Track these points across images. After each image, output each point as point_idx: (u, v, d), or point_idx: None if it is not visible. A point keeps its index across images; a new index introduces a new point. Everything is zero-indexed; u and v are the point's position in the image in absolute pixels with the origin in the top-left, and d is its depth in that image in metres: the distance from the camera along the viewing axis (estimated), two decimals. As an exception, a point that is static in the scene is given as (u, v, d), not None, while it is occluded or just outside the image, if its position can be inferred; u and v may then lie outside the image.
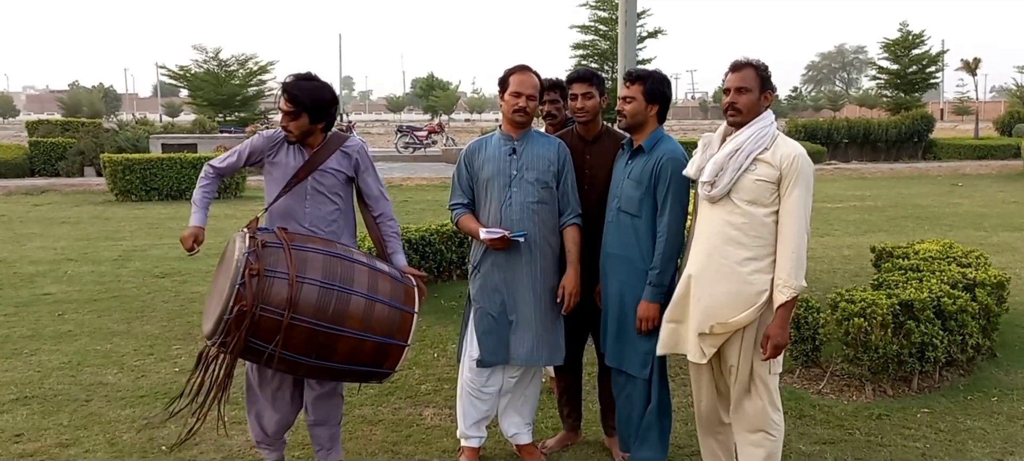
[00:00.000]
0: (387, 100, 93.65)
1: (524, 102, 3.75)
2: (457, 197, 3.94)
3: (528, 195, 3.78)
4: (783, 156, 3.24)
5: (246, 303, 3.17)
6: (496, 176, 3.81)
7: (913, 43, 31.84)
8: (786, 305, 3.23)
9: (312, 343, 3.31)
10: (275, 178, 3.71)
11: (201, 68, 29.98)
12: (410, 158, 27.53)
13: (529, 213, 3.78)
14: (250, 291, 3.18)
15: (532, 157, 3.82)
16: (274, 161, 3.71)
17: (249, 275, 3.19)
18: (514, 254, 3.80)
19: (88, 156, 20.66)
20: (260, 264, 3.24)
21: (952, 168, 22.76)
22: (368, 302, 3.38)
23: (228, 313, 3.18)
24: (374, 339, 3.39)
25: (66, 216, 13.73)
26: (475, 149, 3.94)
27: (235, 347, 3.23)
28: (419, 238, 7.78)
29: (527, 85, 3.77)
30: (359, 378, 3.63)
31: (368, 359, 3.44)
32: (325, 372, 3.50)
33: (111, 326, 6.73)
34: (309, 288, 3.28)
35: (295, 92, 3.56)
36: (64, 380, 5.39)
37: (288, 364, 3.39)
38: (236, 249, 3.29)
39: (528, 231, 3.76)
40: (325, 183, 3.71)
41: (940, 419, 4.64)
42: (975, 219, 12.81)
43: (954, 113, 60.56)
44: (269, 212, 3.72)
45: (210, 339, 3.31)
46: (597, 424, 4.47)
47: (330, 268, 3.37)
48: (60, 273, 8.92)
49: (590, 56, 28.79)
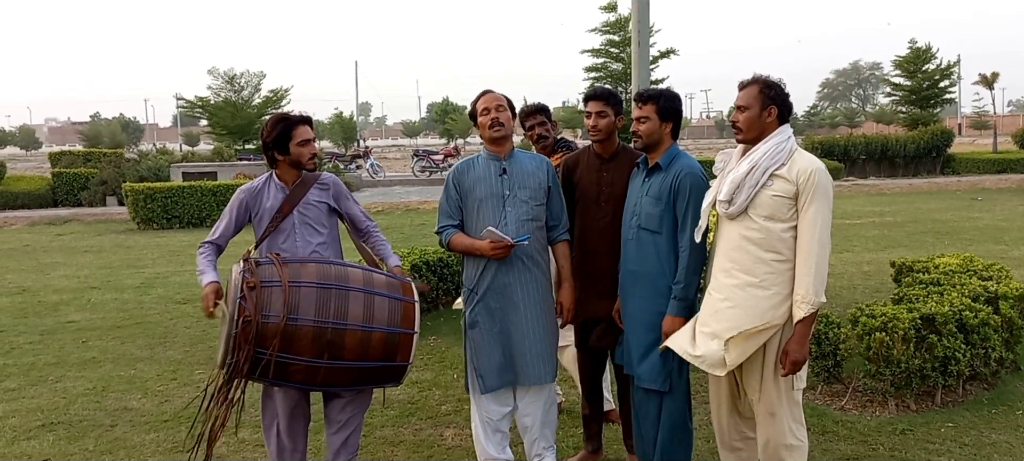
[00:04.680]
0: (403, 125, 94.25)
1: (495, 113, 3.84)
2: (445, 219, 3.95)
3: (522, 213, 3.82)
4: (800, 171, 3.25)
5: (249, 314, 3.31)
6: (488, 196, 3.84)
7: (924, 58, 31.71)
8: (805, 321, 3.23)
9: (320, 343, 3.42)
10: (262, 222, 3.91)
11: (218, 97, 30.27)
12: (427, 181, 27.69)
13: (525, 230, 3.81)
14: (251, 302, 3.33)
15: (522, 175, 3.86)
16: (259, 207, 3.92)
17: (247, 288, 3.35)
18: (511, 273, 3.81)
19: (110, 186, 20.94)
20: (255, 277, 3.40)
21: (971, 183, 22.61)
22: (367, 296, 3.54)
23: (235, 328, 3.29)
24: (381, 329, 3.51)
25: (89, 245, 13.90)
26: (463, 170, 3.96)
27: (246, 357, 3.32)
28: (437, 260, 7.81)
29: (491, 100, 3.89)
30: (378, 378, 3.68)
31: (379, 353, 3.54)
32: (343, 374, 3.56)
33: (134, 352, 6.80)
34: (307, 291, 3.44)
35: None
36: (89, 406, 5.46)
37: (306, 372, 3.47)
38: (233, 273, 3.46)
39: (524, 245, 3.78)
40: (310, 215, 3.91)
41: (965, 433, 4.60)
42: (995, 233, 12.71)
43: (972, 127, 60.13)
44: (260, 249, 3.86)
45: (222, 366, 3.41)
46: (619, 442, 4.47)
47: (325, 271, 3.56)
48: (84, 301, 9.03)
49: (603, 78, 28.82)
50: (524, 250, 3.79)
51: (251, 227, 3.98)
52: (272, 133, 3.85)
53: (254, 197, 3.93)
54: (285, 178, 3.93)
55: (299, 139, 3.84)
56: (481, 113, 3.87)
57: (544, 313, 3.88)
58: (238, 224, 3.93)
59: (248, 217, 3.93)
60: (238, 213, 3.91)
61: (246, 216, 3.93)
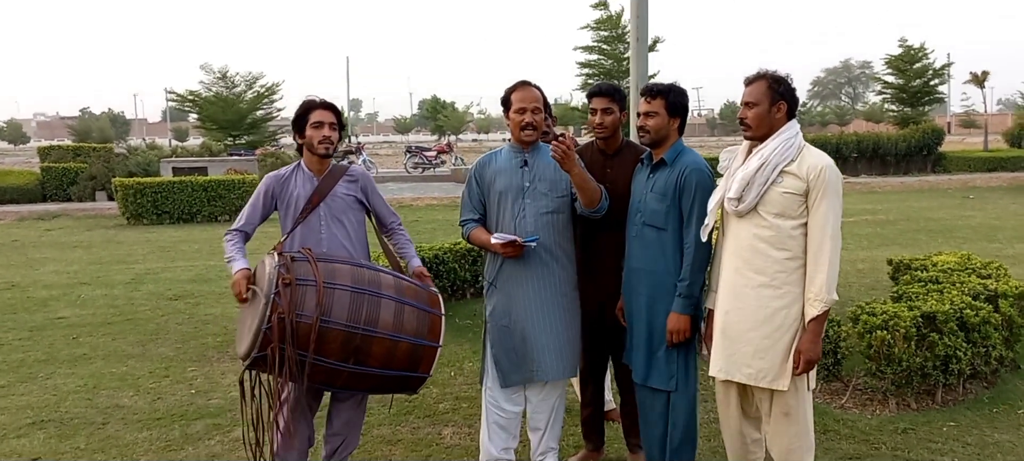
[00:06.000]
0: (395, 121, 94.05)
1: (529, 117, 3.75)
2: (467, 212, 3.92)
3: (541, 206, 3.76)
4: (810, 168, 3.21)
5: (283, 310, 3.24)
6: (508, 189, 3.79)
7: (915, 57, 31.79)
8: (818, 319, 3.20)
9: (348, 347, 3.37)
10: (289, 211, 3.82)
11: (209, 91, 30.04)
12: (420, 178, 27.56)
13: (543, 223, 3.75)
14: (285, 299, 3.26)
15: (544, 168, 3.79)
16: (286, 195, 3.82)
17: (283, 284, 3.28)
18: (529, 267, 3.76)
19: (99, 181, 20.77)
20: (291, 274, 3.33)
21: (962, 181, 22.68)
22: (398, 305, 3.48)
23: (266, 323, 3.23)
24: (408, 340, 3.47)
25: (78, 240, 13.76)
26: (485, 163, 3.92)
27: (280, 355, 3.26)
28: (432, 257, 7.75)
29: (529, 99, 3.77)
30: (396, 385, 3.63)
31: (404, 363, 3.49)
32: (364, 380, 3.51)
33: (126, 349, 6.71)
34: (341, 293, 3.38)
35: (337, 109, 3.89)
36: (80, 403, 5.37)
37: (327, 373, 3.42)
38: (267, 266, 3.39)
39: (541, 238, 3.73)
40: (337, 207, 3.83)
41: (967, 433, 4.57)
42: (989, 231, 12.73)
43: (961, 126, 60.35)
44: (288, 242, 3.76)
45: (246, 358, 3.35)
46: (619, 441, 4.42)
47: (358, 275, 3.49)
48: (73, 297, 8.92)
49: (596, 75, 28.84)
50: (543, 243, 3.74)
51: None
52: (295, 114, 3.83)
53: (281, 184, 3.84)
54: (312, 167, 3.84)
55: (313, 120, 3.75)
56: (515, 110, 3.77)
57: (564, 308, 3.82)
58: (265, 212, 3.85)
59: (274, 205, 3.85)
60: (264, 200, 3.83)
61: (272, 204, 3.85)
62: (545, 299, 3.78)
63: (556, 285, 3.80)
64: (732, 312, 3.36)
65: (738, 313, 3.34)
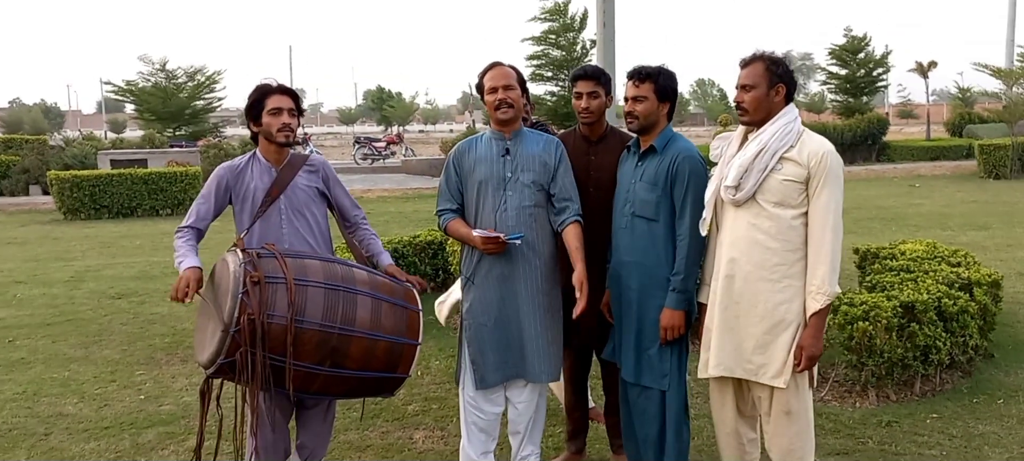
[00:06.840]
0: (339, 112, 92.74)
1: (502, 93, 3.52)
2: (445, 202, 3.66)
3: (524, 199, 3.53)
4: (810, 154, 3.05)
5: (253, 311, 2.93)
6: (489, 178, 3.55)
7: (859, 47, 32.34)
8: (820, 313, 3.04)
9: (324, 349, 3.08)
10: (246, 205, 3.50)
11: (147, 81, 29.11)
12: (369, 170, 27.11)
13: (526, 218, 3.53)
14: (255, 299, 2.95)
15: (526, 157, 3.56)
16: (242, 188, 3.50)
17: (251, 282, 2.97)
18: (511, 263, 3.54)
19: (33, 174, 20.18)
20: (259, 271, 3.02)
21: (907, 169, 23.12)
22: (375, 302, 3.20)
23: (234, 326, 2.92)
24: (386, 338, 3.19)
25: (12, 236, 13.13)
26: (465, 149, 3.67)
27: (255, 361, 2.95)
28: (391, 250, 7.44)
29: (500, 77, 3.55)
30: (373, 387, 3.36)
31: (382, 363, 3.22)
32: (340, 384, 3.22)
33: (68, 352, 6.32)
34: (314, 291, 3.09)
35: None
36: (19, 412, 4.99)
37: (301, 378, 3.11)
38: (230, 263, 3.06)
39: (526, 235, 3.51)
40: (299, 200, 3.53)
41: (950, 425, 4.49)
42: (939, 219, 12.91)
43: (898, 116, 61.83)
44: (247, 238, 3.44)
45: (210, 365, 3.03)
46: (601, 442, 4.24)
47: (330, 271, 3.20)
48: (9, 296, 8.43)
49: (544, 65, 28.63)
50: (526, 239, 3.51)
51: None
52: (249, 100, 3.49)
53: (236, 176, 3.51)
54: (269, 156, 3.53)
55: (270, 107, 3.44)
56: (488, 92, 3.55)
57: (545, 307, 3.59)
58: (218, 206, 3.52)
59: (228, 199, 3.52)
60: (218, 194, 3.49)
61: (226, 197, 3.51)
62: (527, 298, 3.56)
63: (537, 282, 3.58)
64: (729, 307, 3.19)
65: (735, 308, 3.18)
